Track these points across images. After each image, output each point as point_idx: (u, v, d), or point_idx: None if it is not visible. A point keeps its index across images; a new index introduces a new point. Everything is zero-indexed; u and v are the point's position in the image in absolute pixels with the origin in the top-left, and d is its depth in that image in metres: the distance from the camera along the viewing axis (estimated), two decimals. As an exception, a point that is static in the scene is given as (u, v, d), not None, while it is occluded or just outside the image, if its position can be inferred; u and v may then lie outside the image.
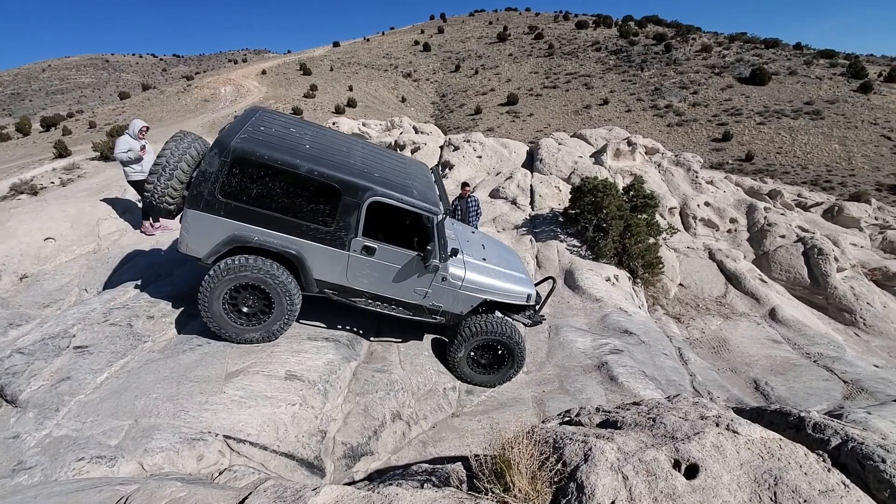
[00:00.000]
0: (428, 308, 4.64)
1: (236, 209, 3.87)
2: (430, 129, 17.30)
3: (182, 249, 4.04)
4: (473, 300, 4.74)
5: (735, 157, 46.04)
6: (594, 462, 1.87)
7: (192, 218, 3.90)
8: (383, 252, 4.25)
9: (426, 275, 4.42)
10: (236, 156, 3.77)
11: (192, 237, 3.96)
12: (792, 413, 2.64)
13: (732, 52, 67.40)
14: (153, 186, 4.05)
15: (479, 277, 4.72)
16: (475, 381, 5.00)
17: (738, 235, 12.54)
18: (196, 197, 3.85)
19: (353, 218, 4.06)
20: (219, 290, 3.98)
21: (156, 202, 4.09)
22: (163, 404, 3.49)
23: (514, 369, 5.01)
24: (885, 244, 13.83)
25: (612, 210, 9.43)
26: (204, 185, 3.82)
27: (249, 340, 4.19)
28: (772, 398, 6.56)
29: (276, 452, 3.39)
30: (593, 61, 72.30)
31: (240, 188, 3.83)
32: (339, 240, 4.10)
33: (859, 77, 55.40)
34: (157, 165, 4.06)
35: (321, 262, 4.15)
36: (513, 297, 4.89)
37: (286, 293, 4.08)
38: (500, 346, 4.83)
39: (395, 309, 4.54)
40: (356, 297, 4.40)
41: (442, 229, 4.34)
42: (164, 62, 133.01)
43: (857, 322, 9.91)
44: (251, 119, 4.27)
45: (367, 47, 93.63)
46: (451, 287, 4.58)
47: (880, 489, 2.10)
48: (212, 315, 4.04)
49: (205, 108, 53.35)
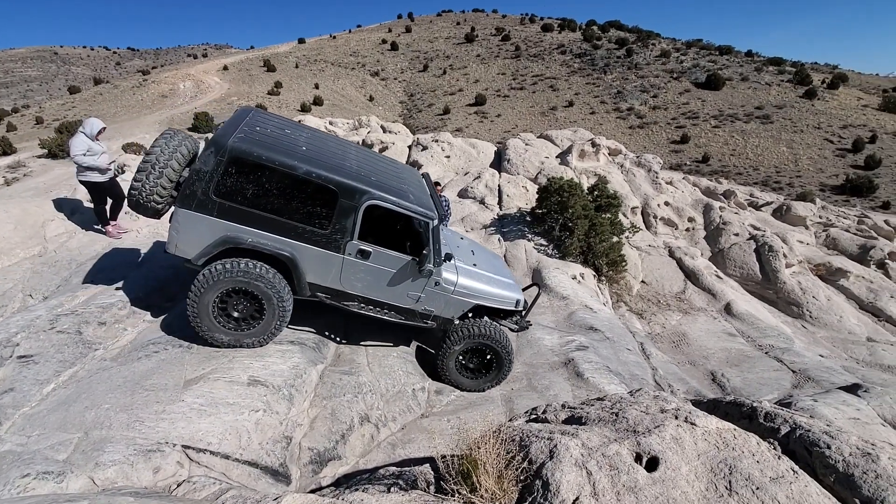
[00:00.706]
0: (420, 312, 4.65)
1: (230, 210, 3.78)
2: (398, 128, 17.19)
3: (170, 250, 3.91)
4: (465, 305, 4.79)
5: (692, 158, 47.98)
6: (559, 459, 1.90)
7: (183, 218, 3.78)
8: (378, 256, 4.24)
9: (420, 279, 4.44)
10: (233, 155, 3.69)
11: (182, 238, 3.83)
12: (745, 403, 2.77)
13: (689, 58, 70.20)
14: (141, 184, 3.88)
15: (470, 282, 4.77)
16: (463, 386, 5.00)
17: (695, 234, 13.06)
18: (189, 196, 3.74)
19: (349, 221, 4.03)
20: (209, 295, 3.84)
21: (143, 201, 3.91)
22: (115, 415, 3.31)
23: (503, 373, 5.04)
24: (828, 241, 14.72)
25: (578, 210, 9.64)
26: (198, 184, 3.71)
27: (238, 345, 4.08)
28: (728, 389, 6.86)
29: (239, 461, 3.28)
30: (559, 64, 73.75)
31: (235, 188, 3.75)
32: (334, 243, 4.07)
33: (805, 84, 58.81)
34: (147, 163, 3.90)
35: (315, 266, 4.10)
36: (503, 302, 4.96)
37: (278, 298, 3.98)
38: (488, 350, 4.86)
39: (386, 313, 4.52)
40: (349, 300, 4.36)
41: (437, 234, 4.37)
42: (117, 55, 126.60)
43: (804, 315, 10.50)
44: (245, 119, 4.17)
45: (334, 45, 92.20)
46: (444, 292, 4.61)
47: (826, 474, 2.23)
48: (200, 320, 3.90)
49: (162, 104, 51.21)
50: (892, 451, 2.33)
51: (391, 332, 5.41)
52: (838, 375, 7.36)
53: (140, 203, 3.95)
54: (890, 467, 2.14)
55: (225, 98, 54.69)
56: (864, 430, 4.82)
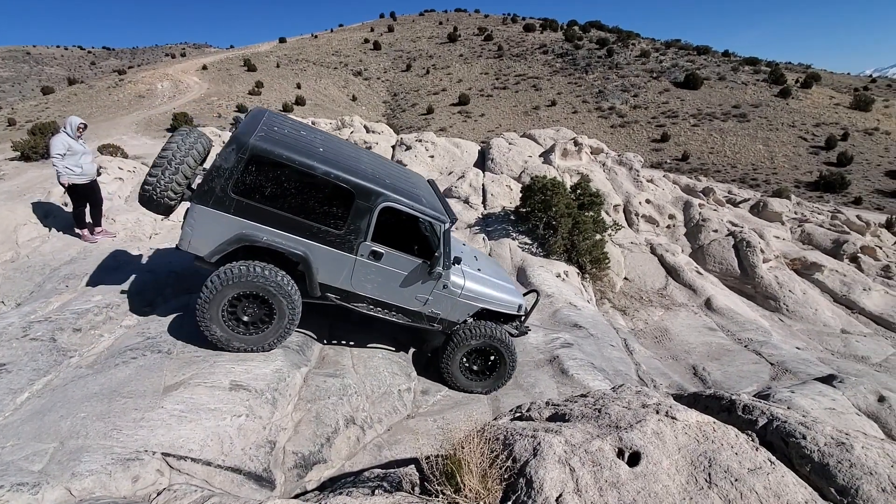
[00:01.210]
0: (427, 315, 4.70)
1: (247, 207, 3.80)
2: (381, 128, 17.11)
3: (183, 247, 3.90)
4: (471, 308, 4.85)
5: (672, 156, 48.82)
6: (542, 456, 1.91)
7: (199, 214, 3.78)
8: (390, 258, 4.29)
9: (429, 282, 4.50)
10: (254, 153, 3.71)
11: (197, 234, 3.83)
12: (724, 397, 2.82)
13: (668, 58, 71.39)
14: (156, 179, 3.86)
15: (476, 286, 4.85)
16: (467, 388, 5.03)
17: (676, 230, 13.29)
18: (206, 192, 3.74)
19: (364, 222, 4.08)
20: (220, 298, 3.82)
21: (157, 196, 3.89)
22: (92, 423, 3.23)
23: (507, 375, 5.07)
24: (803, 236, 15.11)
25: (561, 208, 9.72)
26: (217, 180, 3.72)
27: (248, 349, 4.08)
28: (709, 382, 7.00)
29: (222, 467, 3.22)
30: (541, 64, 74.28)
31: (253, 186, 3.78)
32: (348, 243, 4.11)
33: (779, 83, 60.34)
34: (163, 158, 3.89)
35: (327, 266, 4.14)
36: (506, 306, 5.04)
37: (289, 302, 3.99)
38: (493, 351, 4.91)
39: (394, 315, 4.57)
40: (358, 302, 4.40)
41: (448, 237, 4.45)
42: (92, 55, 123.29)
43: (781, 308, 10.76)
44: (263, 119, 4.19)
45: (316, 44, 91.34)
46: (451, 295, 4.68)
47: (802, 464, 2.28)
48: (209, 323, 3.88)
49: (140, 105, 50.11)
50: (866, 441, 2.40)
51: (378, 332, 5.38)
52: (814, 367, 7.57)
53: (153, 199, 3.91)
54: (864, 456, 2.21)
55: (205, 98, 53.75)
56: (840, 420, 4.96)
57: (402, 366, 5.13)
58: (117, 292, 4.95)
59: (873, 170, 42.94)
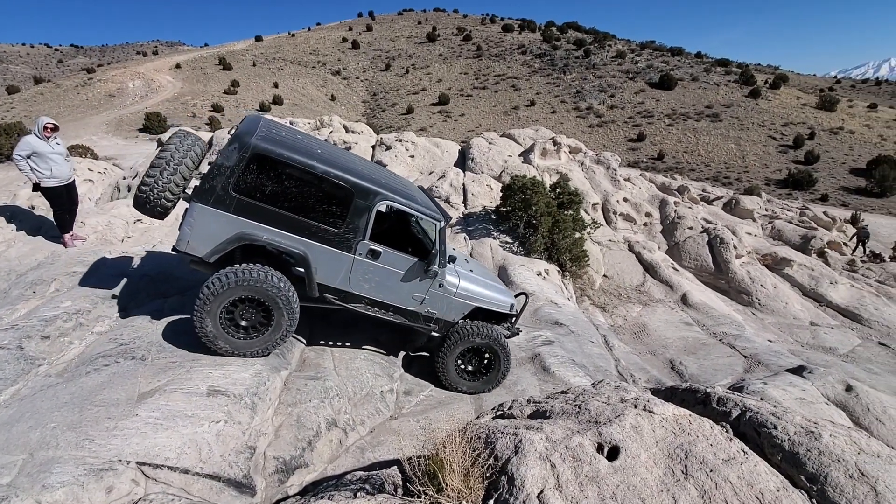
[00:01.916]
0: (423, 315, 4.73)
1: (247, 206, 3.81)
2: (361, 128, 16.98)
3: (181, 247, 3.83)
4: (466, 307, 4.89)
5: (649, 155, 49.82)
6: (524, 453, 1.93)
7: (199, 213, 3.75)
8: (387, 256, 4.32)
9: (425, 280, 4.54)
10: (256, 152, 3.74)
11: (196, 233, 3.79)
12: (699, 390, 2.90)
13: (643, 59, 72.81)
14: (154, 180, 3.81)
15: (470, 286, 4.91)
16: (462, 389, 5.03)
17: (652, 228, 13.57)
18: (207, 191, 3.73)
19: (362, 221, 4.14)
20: (217, 303, 3.77)
21: (154, 197, 3.83)
22: (63, 434, 3.12)
23: (502, 374, 5.09)
24: (773, 232, 15.61)
25: (541, 207, 9.82)
26: (218, 179, 3.73)
27: (245, 354, 4.04)
28: (686, 376, 7.17)
29: (200, 475, 3.15)
30: (520, 64, 74.88)
31: (254, 185, 3.80)
32: (346, 242, 4.14)
33: (749, 84, 62.18)
34: (161, 160, 3.86)
35: (326, 265, 4.15)
36: (500, 305, 5.09)
37: (287, 306, 3.97)
38: (487, 350, 4.93)
39: (391, 315, 4.59)
40: (356, 302, 4.41)
41: (444, 236, 4.48)
42: (59, 53, 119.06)
43: (753, 302, 11.09)
44: (260, 123, 4.21)
45: (293, 43, 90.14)
46: (447, 294, 4.72)
47: (773, 453, 2.36)
48: (206, 328, 3.82)
49: (110, 104, 48.67)
50: (834, 429, 2.50)
51: (360, 334, 5.35)
52: (785, 359, 7.82)
53: (150, 200, 3.84)
54: (832, 444, 2.29)
55: (178, 97, 52.52)
56: (810, 410, 5.14)
57: (385, 367, 5.10)
58: (87, 297, 4.80)
59: (838, 167, 44.62)
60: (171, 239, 8.03)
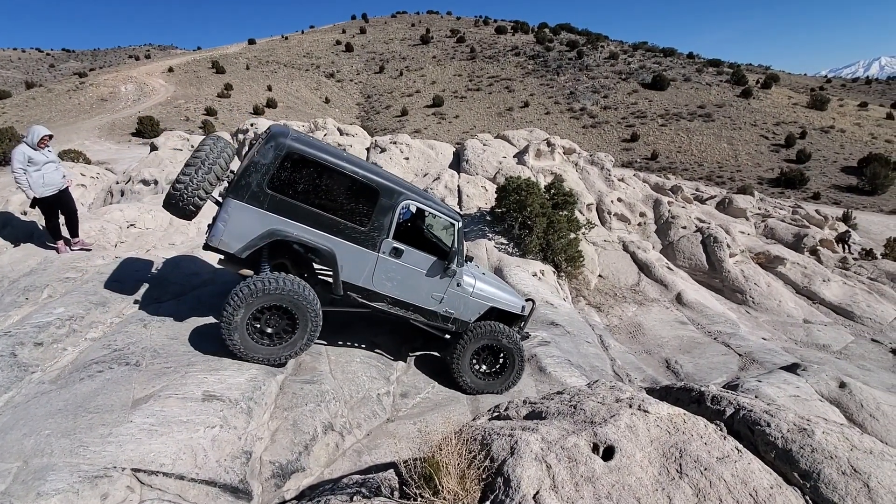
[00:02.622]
0: (441, 314, 4.85)
1: (280, 203, 3.97)
2: (355, 130, 16.97)
3: (213, 243, 3.97)
4: (482, 307, 5.00)
5: (642, 156, 50.08)
6: (519, 454, 1.94)
7: (234, 208, 3.90)
8: (409, 255, 4.49)
9: (444, 279, 4.68)
10: (290, 150, 3.94)
11: (230, 229, 3.93)
12: (694, 388, 2.92)
13: (636, 60, 73.23)
14: (189, 178, 3.93)
15: (485, 286, 5.04)
16: (477, 389, 5.06)
17: (647, 228, 13.63)
18: (243, 187, 3.89)
19: (386, 219, 4.31)
20: (245, 310, 3.89)
21: (187, 196, 3.94)
22: (57, 441, 3.10)
23: (516, 375, 5.14)
24: (766, 231, 15.72)
25: (536, 208, 9.85)
26: (254, 175, 3.90)
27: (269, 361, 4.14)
28: (681, 375, 7.20)
29: (196, 481, 3.14)
30: (513, 65, 75.10)
31: (287, 182, 3.98)
32: (371, 240, 4.31)
33: (741, 84, 62.67)
34: (196, 159, 4.01)
35: (351, 263, 4.30)
36: (513, 306, 5.21)
37: (313, 314, 4.10)
38: (502, 350, 5.00)
39: (411, 314, 4.71)
40: (378, 301, 4.54)
41: (462, 236, 4.65)
42: (51, 57, 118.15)
43: (747, 301, 11.17)
44: (288, 128, 4.39)
45: (286, 46, 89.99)
46: (464, 293, 4.85)
47: (767, 451, 2.38)
48: (233, 334, 3.93)
49: (102, 109, 48.39)
50: (826, 426, 2.52)
51: (356, 335, 5.34)
52: (779, 356, 7.88)
53: (183, 199, 3.93)
54: (824, 441, 2.31)
55: (171, 101, 52.31)
56: (804, 407, 5.18)
57: (381, 369, 5.10)
58: (80, 303, 4.77)
59: (830, 166, 45.02)
60: (164, 243, 7.99)
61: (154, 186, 13.37)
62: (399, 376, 5.20)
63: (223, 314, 3.87)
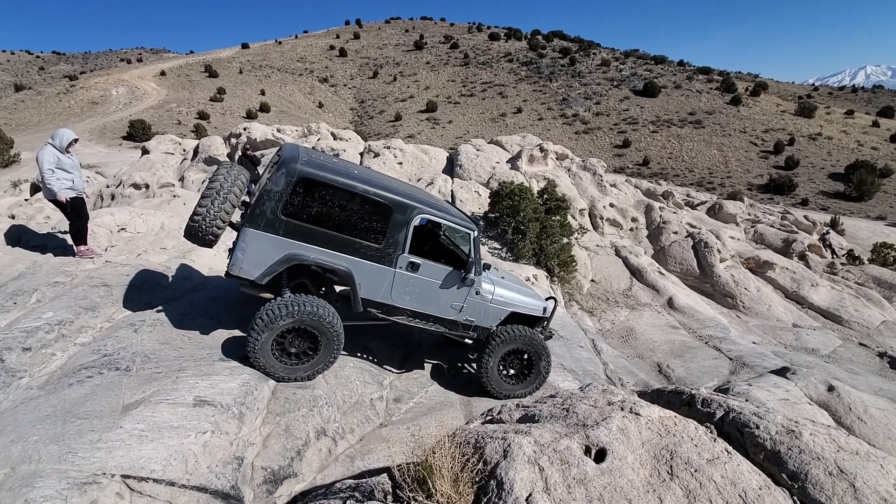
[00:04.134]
0: (462, 323, 4.90)
1: (295, 228, 4.04)
2: (349, 135, 16.99)
3: (234, 272, 4.06)
4: (502, 313, 5.04)
5: (634, 161, 50.53)
6: (512, 457, 1.95)
7: (251, 237, 3.98)
8: (426, 268, 4.53)
9: (462, 289, 4.73)
10: (301, 175, 3.98)
11: (249, 257, 4.01)
12: (685, 391, 2.95)
13: (627, 67, 74.04)
14: (205, 210, 4.04)
15: (505, 291, 5.07)
16: (507, 393, 5.07)
17: (638, 233, 13.74)
18: (258, 216, 3.97)
19: (401, 235, 4.35)
20: (270, 332, 3.97)
21: (206, 227, 4.06)
22: (45, 447, 3.05)
23: (542, 377, 5.19)
24: (756, 236, 15.91)
25: (529, 213, 9.90)
26: (267, 204, 3.96)
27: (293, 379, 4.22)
28: (673, 379, 7.25)
29: (186, 487, 3.11)
30: (506, 72, 75.60)
31: (300, 207, 4.04)
32: (387, 256, 4.36)
33: (730, 91, 63.56)
34: (211, 191, 4.09)
35: (369, 280, 4.36)
36: (533, 309, 5.24)
37: (335, 336, 4.19)
38: (528, 353, 5.04)
39: (432, 325, 4.78)
40: (398, 314, 4.61)
41: (478, 244, 4.68)
42: (41, 59, 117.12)
43: (737, 305, 11.28)
44: (300, 150, 4.47)
45: (280, 50, 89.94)
46: (483, 301, 4.89)
47: (756, 452, 2.41)
48: (258, 355, 4.02)
49: (93, 112, 48.00)
50: (814, 428, 2.56)
51: (348, 340, 5.32)
52: (769, 360, 7.96)
53: (202, 230, 4.05)
54: (812, 442, 2.35)
55: (163, 105, 52.03)
56: (793, 410, 5.24)
57: (374, 374, 5.09)
58: (70, 308, 4.72)
59: (818, 172, 45.71)
60: (155, 248, 7.92)
61: (145, 190, 13.27)
62: (392, 381, 5.19)
63: (249, 335, 3.97)
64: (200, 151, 15.98)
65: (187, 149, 17.00)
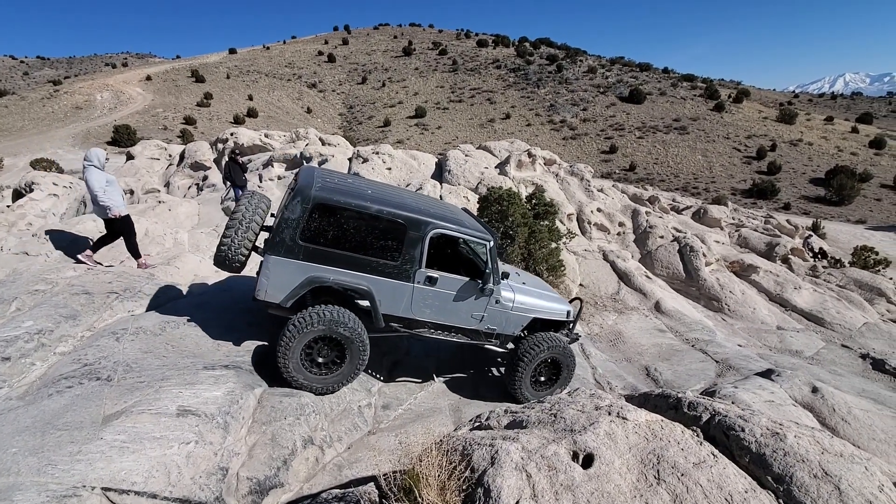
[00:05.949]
0: (484, 332, 4.96)
1: (314, 252, 4.18)
2: (337, 140, 16.94)
3: (260, 297, 4.20)
4: (524, 320, 5.09)
5: (621, 167, 51.13)
6: (500, 464, 1.94)
7: (273, 264, 4.13)
8: (444, 281, 4.59)
9: (482, 298, 4.78)
10: (317, 202, 4.11)
11: (273, 283, 4.16)
12: (671, 395, 2.96)
13: (614, 74, 75.08)
14: (230, 240, 4.25)
15: (526, 298, 5.10)
16: (532, 398, 5.09)
17: (626, 237, 13.88)
18: (278, 244, 4.11)
19: (417, 251, 4.43)
20: (300, 341, 4.11)
21: (232, 255, 4.28)
22: (24, 459, 2.97)
23: (567, 382, 5.27)
24: (740, 240, 16.15)
25: (518, 218, 9.94)
26: (286, 231, 4.10)
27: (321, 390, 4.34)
28: (660, 382, 7.30)
29: (169, 499, 3.04)
30: (494, 78, 76.17)
31: (318, 231, 4.17)
32: (404, 273, 4.44)
33: (714, 98, 64.78)
34: (234, 220, 4.30)
35: (389, 296, 4.45)
36: (556, 313, 5.29)
37: (361, 346, 4.29)
38: (558, 360, 5.10)
39: (454, 335, 4.84)
40: (420, 328, 4.70)
41: (495, 254, 4.72)
42: (25, 64, 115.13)
43: (723, 308, 11.42)
44: (314, 173, 4.61)
45: (268, 55, 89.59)
46: (504, 309, 4.93)
47: (742, 455, 2.43)
48: (288, 364, 4.15)
49: (77, 117, 47.26)
50: (798, 430, 2.58)
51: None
52: (755, 362, 8.05)
53: (228, 258, 4.28)
54: (796, 445, 2.37)
55: (149, 110, 51.44)
56: (778, 412, 5.30)
57: (362, 381, 5.04)
58: (50, 317, 4.61)
59: (799, 177, 46.66)
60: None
61: (130, 196, 13.06)
62: (381, 387, 5.15)
63: (279, 345, 4.09)
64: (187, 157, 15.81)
65: (173, 154, 16.79)
